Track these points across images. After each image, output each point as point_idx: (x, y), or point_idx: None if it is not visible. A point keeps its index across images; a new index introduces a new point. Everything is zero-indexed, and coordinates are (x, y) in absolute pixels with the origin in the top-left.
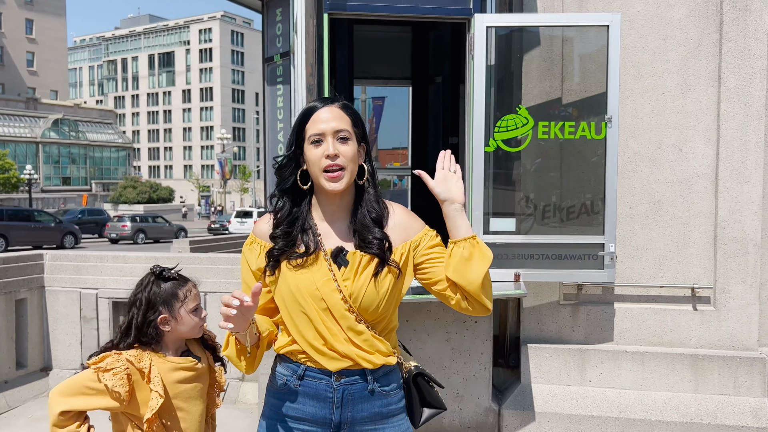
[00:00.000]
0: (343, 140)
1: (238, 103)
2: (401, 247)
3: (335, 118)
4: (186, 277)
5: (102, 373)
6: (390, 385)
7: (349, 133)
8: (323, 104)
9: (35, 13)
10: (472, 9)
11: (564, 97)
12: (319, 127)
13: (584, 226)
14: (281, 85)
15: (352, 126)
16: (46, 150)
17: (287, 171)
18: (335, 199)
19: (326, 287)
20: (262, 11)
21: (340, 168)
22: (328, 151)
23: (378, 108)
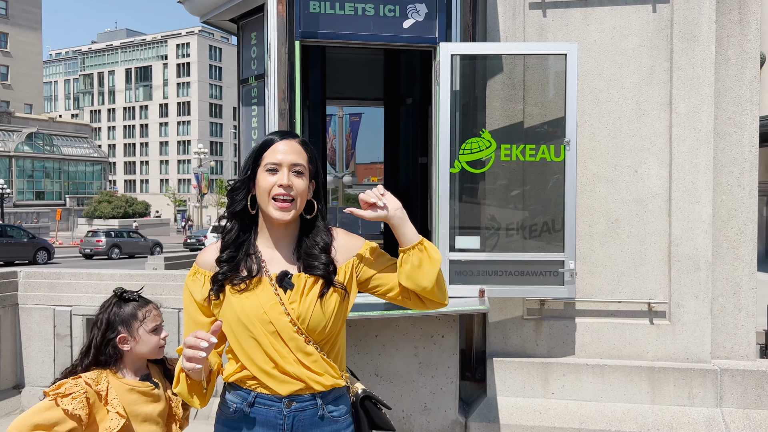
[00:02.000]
0: (298, 174)
1: (215, 117)
2: (344, 266)
3: (294, 152)
4: (147, 299)
5: (61, 398)
6: (339, 408)
7: (304, 168)
8: (283, 138)
9: (10, 26)
10: (437, 38)
11: (525, 120)
12: (276, 157)
13: (546, 243)
14: (256, 106)
15: (308, 162)
16: (19, 164)
17: (239, 194)
18: (281, 227)
19: (273, 310)
20: (238, 34)
21: (291, 199)
22: (281, 181)
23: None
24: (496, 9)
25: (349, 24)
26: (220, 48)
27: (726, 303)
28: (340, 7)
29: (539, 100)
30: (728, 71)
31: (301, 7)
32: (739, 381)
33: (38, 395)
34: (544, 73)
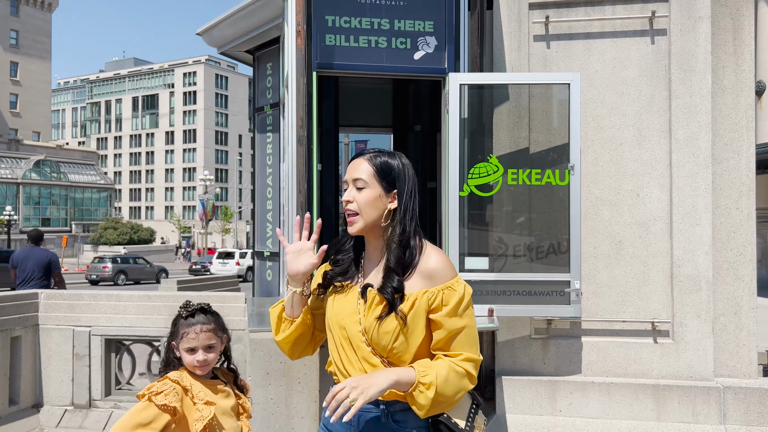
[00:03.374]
0: (359, 188)
1: (221, 144)
2: (418, 293)
3: (356, 167)
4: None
5: (154, 396)
6: (407, 420)
7: (364, 182)
8: (357, 156)
9: (20, 56)
10: (446, 68)
11: (531, 146)
12: (345, 177)
13: (552, 264)
14: (270, 133)
15: (374, 175)
16: (26, 191)
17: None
18: (369, 239)
19: (350, 318)
20: (253, 65)
21: (353, 213)
22: (343, 197)
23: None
24: (502, 41)
25: (363, 55)
26: (226, 76)
27: (727, 322)
28: (354, 39)
29: (544, 127)
30: (724, 100)
31: (318, 40)
32: (742, 398)
33: (57, 414)
34: (548, 101)
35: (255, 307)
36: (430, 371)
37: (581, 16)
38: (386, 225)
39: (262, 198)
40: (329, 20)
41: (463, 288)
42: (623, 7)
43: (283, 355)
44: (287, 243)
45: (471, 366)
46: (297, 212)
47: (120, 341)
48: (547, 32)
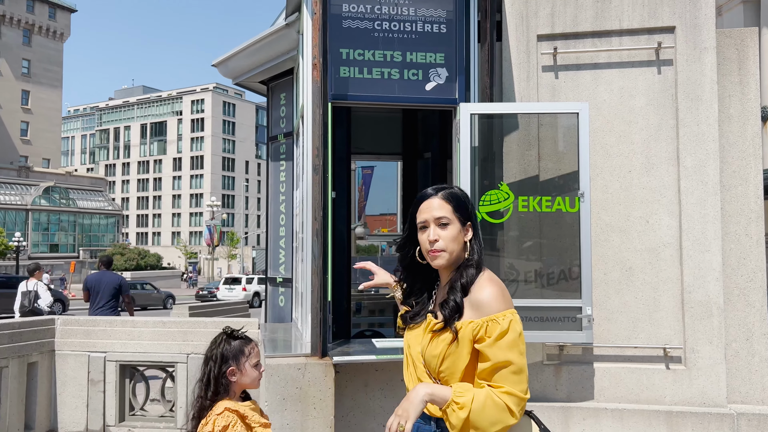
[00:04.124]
0: (443, 226)
1: (228, 170)
2: (463, 322)
3: (437, 207)
4: (250, 338)
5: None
6: None
7: (449, 219)
8: (428, 196)
9: (32, 84)
10: (457, 99)
11: (541, 174)
12: (423, 216)
13: (563, 290)
14: (284, 162)
15: (453, 212)
16: (35, 217)
17: (406, 249)
18: (445, 271)
19: (415, 339)
20: (267, 95)
21: (440, 250)
22: (430, 236)
23: (367, 177)
24: (512, 72)
25: (376, 87)
26: (233, 104)
27: (739, 348)
28: (368, 71)
29: (553, 155)
30: (731, 128)
31: (333, 72)
32: (756, 425)
33: None
34: (557, 129)
35: (268, 333)
36: (467, 393)
37: (588, 47)
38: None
39: (275, 224)
40: (343, 53)
41: (509, 323)
42: (630, 39)
43: (299, 381)
44: None
45: (512, 401)
46: (312, 239)
47: (134, 366)
48: (555, 63)
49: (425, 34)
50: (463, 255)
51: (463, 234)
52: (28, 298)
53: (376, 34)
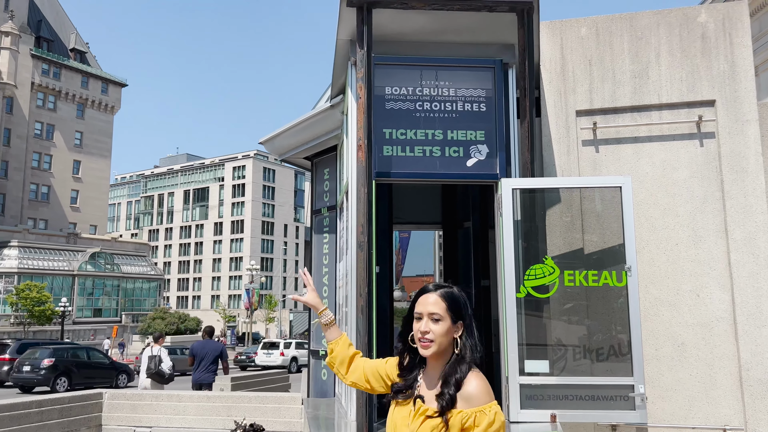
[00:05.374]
0: (435, 321)
1: (267, 234)
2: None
3: (433, 303)
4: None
5: None
6: None
7: (441, 316)
8: (430, 290)
9: (83, 155)
10: (498, 174)
11: (585, 247)
12: (419, 309)
13: (614, 367)
14: (327, 235)
15: (446, 310)
16: (81, 282)
17: (404, 333)
18: (432, 360)
19: (402, 422)
20: (312, 170)
21: (429, 341)
22: (421, 328)
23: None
24: (552, 146)
25: (418, 164)
26: (273, 169)
27: None
28: (410, 150)
29: (597, 228)
30: None
31: (376, 152)
32: None
33: None
34: (600, 203)
35: (311, 410)
36: None
37: (628, 121)
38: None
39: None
40: (386, 133)
41: (494, 414)
42: (669, 113)
43: None
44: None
45: None
46: (358, 315)
47: None
48: (595, 137)
49: (465, 113)
50: (451, 349)
51: (453, 331)
52: (153, 361)
53: (418, 114)
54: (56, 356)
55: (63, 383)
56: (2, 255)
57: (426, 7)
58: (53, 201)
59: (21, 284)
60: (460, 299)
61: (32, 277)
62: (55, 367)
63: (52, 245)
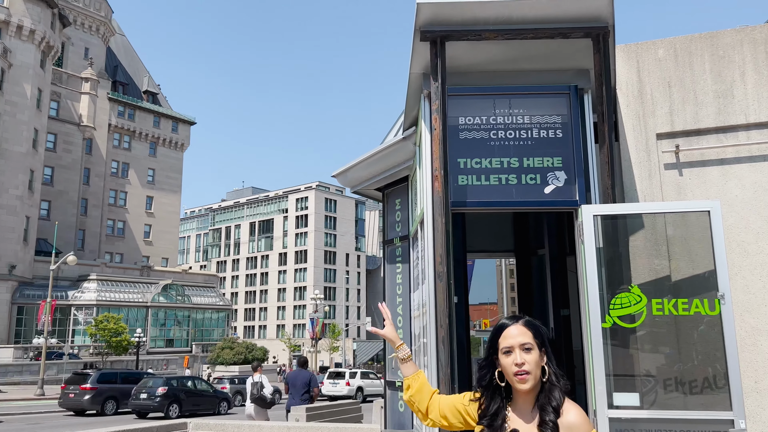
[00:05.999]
0: (527, 350)
1: (329, 264)
2: None
3: (520, 334)
4: None
5: None
6: None
7: (532, 345)
8: (511, 322)
9: (155, 191)
10: (578, 201)
11: (673, 274)
12: (508, 342)
13: (709, 400)
14: (400, 264)
15: (533, 338)
16: (154, 313)
17: (485, 371)
18: (524, 393)
19: None
20: (383, 201)
21: (526, 372)
22: (516, 360)
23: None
24: (632, 171)
25: (494, 192)
26: (334, 200)
27: None
28: (486, 178)
29: (685, 255)
30: None
31: (452, 181)
32: None
33: None
34: (686, 228)
35: None
36: None
37: (713, 143)
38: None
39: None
40: (461, 162)
41: None
42: (758, 132)
43: None
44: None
45: None
46: (438, 347)
47: None
48: (678, 160)
49: (541, 140)
50: (540, 379)
51: (541, 359)
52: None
53: (492, 142)
54: (168, 385)
55: (174, 409)
56: (82, 288)
57: (499, 38)
58: (128, 235)
59: (99, 316)
60: (541, 327)
61: (109, 309)
62: (167, 395)
63: (127, 278)
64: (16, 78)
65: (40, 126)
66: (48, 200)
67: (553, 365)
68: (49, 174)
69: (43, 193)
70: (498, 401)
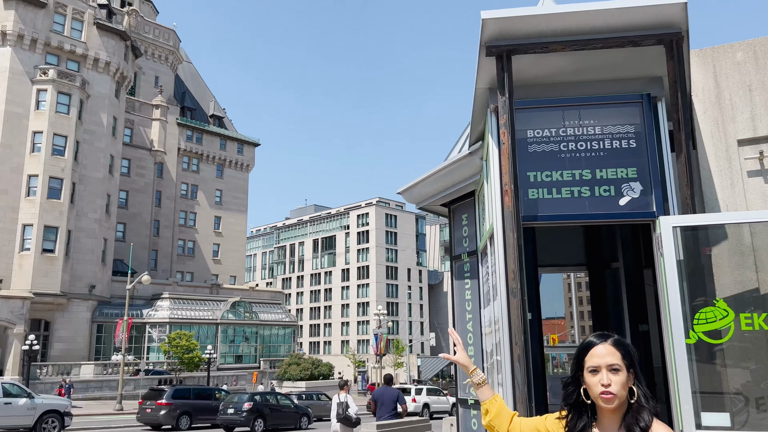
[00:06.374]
0: (614, 371)
1: (391, 279)
2: None
3: (608, 354)
4: None
5: None
6: None
7: (620, 366)
8: (599, 341)
9: (223, 211)
10: (655, 212)
11: (761, 287)
12: (595, 361)
13: None
14: (469, 280)
15: (622, 359)
16: (223, 330)
17: (571, 388)
18: (609, 412)
19: None
20: (449, 216)
21: (612, 394)
22: (602, 380)
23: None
24: (712, 179)
25: (566, 205)
26: (395, 215)
27: None
28: (557, 191)
29: None
30: None
31: (522, 196)
32: None
33: None
34: None
35: None
36: None
37: None
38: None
39: (463, 344)
40: (531, 176)
41: None
42: None
43: None
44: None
45: None
46: (514, 365)
47: None
48: (762, 167)
49: (614, 150)
50: (626, 400)
51: (629, 380)
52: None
53: (563, 154)
54: (254, 401)
55: (260, 424)
56: (156, 306)
57: (566, 49)
58: (198, 255)
59: (172, 333)
60: (630, 347)
61: (181, 326)
62: (252, 410)
63: (197, 296)
64: (94, 108)
65: (116, 152)
66: (123, 222)
67: (642, 386)
68: (123, 197)
69: (119, 216)
70: (584, 419)
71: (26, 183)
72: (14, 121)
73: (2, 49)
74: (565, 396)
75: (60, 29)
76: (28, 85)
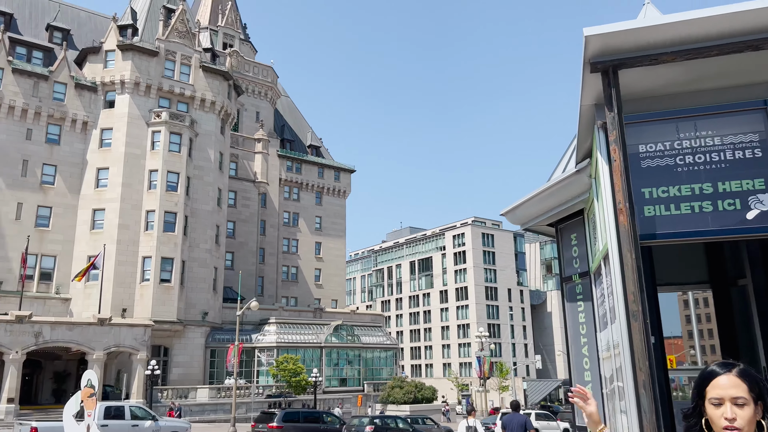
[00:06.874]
0: (740, 405)
1: (491, 300)
2: None
3: (733, 386)
4: None
5: None
6: None
7: (746, 400)
8: (722, 371)
9: (323, 236)
10: None
11: None
12: (718, 393)
13: None
14: (582, 302)
15: (748, 391)
16: (327, 353)
17: (692, 420)
18: None
19: None
20: (556, 237)
21: (737, 429)
22: (726, 414)
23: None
24: None
25: (685, 222)
26: (491, 234)
27: None
28: (676, 207)
29: None
30: None
31: (638, 213)
32: None
33: None
34: None
35: None
36: None
37: None
38: None
39: (578, 369)
40: (645, 192)
41: None
42: None
43: None
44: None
45: None
46: (639, 392)
47: None
48: None
49: (737, 161)
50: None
51: (756, 413)
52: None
53: (679, 168)
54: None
55: None
56: (264, 331)
57: (678, 59)
58: (301, 280)
59: (279, 357)
60: (758, 378)
61: (288, 350)
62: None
63: (302, 320)
64: (202, 145)
65: (223, 185)
66: (231, 251)
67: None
68: (231, 228)
69: (227, 246)
70: None
71: (144, 218)
72: (133, 162)
73: (121, 97)
74: (687, 428)
75: (170, 74)
76: (144, 128)
